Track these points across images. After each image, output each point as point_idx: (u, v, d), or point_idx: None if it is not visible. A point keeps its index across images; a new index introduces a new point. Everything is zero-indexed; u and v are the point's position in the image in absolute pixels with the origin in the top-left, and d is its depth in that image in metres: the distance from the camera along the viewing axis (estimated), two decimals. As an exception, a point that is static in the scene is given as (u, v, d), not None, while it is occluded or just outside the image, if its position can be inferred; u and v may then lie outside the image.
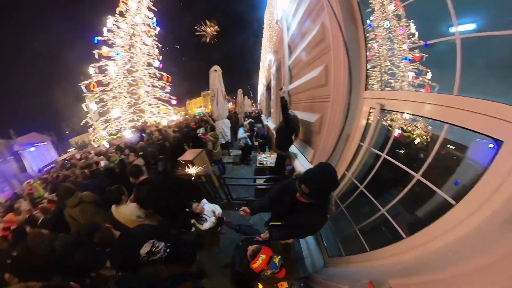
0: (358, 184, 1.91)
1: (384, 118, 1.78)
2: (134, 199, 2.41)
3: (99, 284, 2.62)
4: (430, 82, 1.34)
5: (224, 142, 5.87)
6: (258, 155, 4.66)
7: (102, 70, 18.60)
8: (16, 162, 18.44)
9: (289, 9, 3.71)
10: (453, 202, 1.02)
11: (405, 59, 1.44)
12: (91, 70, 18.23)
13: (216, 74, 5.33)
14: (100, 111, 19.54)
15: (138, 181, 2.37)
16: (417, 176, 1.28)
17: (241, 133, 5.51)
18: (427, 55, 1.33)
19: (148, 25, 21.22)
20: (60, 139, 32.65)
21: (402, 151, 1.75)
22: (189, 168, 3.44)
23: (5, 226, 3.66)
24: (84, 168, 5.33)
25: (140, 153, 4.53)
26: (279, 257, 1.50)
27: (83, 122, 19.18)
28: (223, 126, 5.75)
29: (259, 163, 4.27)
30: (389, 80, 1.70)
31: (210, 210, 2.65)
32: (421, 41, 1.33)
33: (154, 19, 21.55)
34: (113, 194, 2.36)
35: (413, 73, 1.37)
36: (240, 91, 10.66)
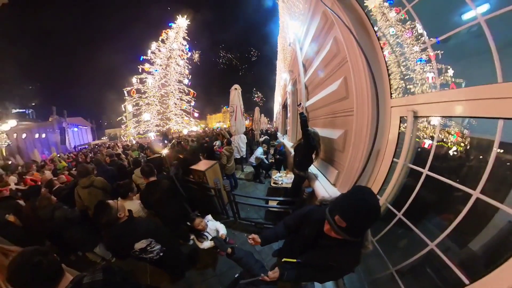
0: (395, 211, 1.49)
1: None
2: (140, 197, 2.33)
3: (82, 264, 2.54)
4: (454, 79, 1.14)
5: (238, 157, 5.58)
6: (273, 174, 4.18)
7: (142, 81, 21.65)
8: (60, 136, 21.81)
9: (301, 31, 3.74)
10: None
11: (420, 60, 1.30)
12: (134, 80, 21.36)
13: (236, 92, 5.32)
14: (134, 113, 21.94)
15: (148, 181, 2.27)
16: (475, 193, 0.95)
17: (260, 152, 5.14)
18: (442, 52, 1.16)
19: (182, 50, 24.74)
20: (98, 127, 36.07)
21: (439, 165, 1.39)
22: (200, 177, 3.21)
23: (32, 178, 4.19)
24: (107, 155, 5.34)
25: (158, 155, 4.41)
26: None
27: (119, 118, 21.99)
28: (240, 141, 5.52)
29: (274, 183, 3.76)
30: (408, 86, 1.50)
31: (213, 228, 2.29)
32: (431, 39, 1.17)
33: (187, 46, 25.22)
34: (122, 188, 2.30)
35: (432, 74, 1.20)
36: (257, 109, 10.73)
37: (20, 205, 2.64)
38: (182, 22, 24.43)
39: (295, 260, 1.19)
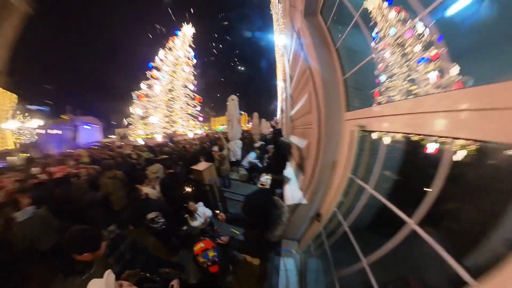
0: (343, 221, 1.58)
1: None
2: (160, 183, 3.16)
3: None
4: (459, 78, 0.95)
5: (234, 160, 6.22)
6: (262, 176, 4.79)
7: (150, 86, 22.81)
8: (72, 133, 23.50)
9: (287, 44, 4.06)
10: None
11: (422, 60, 1.15)
12: (143, 85, 22.65)
13: (232, 103, 5.95)
14: (142, 116, 23.07)
15: (168, 172, 3.27)
16: (411, 223, 0.93)
17: (252, 157, 5.75)
18: (446, 49, 1.00)
19: (188, 57, 25.76)
20: (108, 127, 37.88)
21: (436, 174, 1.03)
22: (198, 176, 3.91)
23: (60, 169, 5.09)
24: (119, 157, 6.12)
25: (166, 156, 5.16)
26: (215, 253, 1.58)
27: (128, 120, 23.63)
28: (235, 146, 6.19)
29: (261, 184, 4.37)
30: (410, 88, 1.29)
31: (202, 212, 2.82)
32: (434, 36, 1.06)
33: (193, 53, 26.30)
34: (142, 177, 3.38)
35: (436, 73, 1.06)
36: (255, 115, 11.01)
37: (52, 189, 3.29)
38: (187, 30, 25.49)
39: (236, 232, 1.74)
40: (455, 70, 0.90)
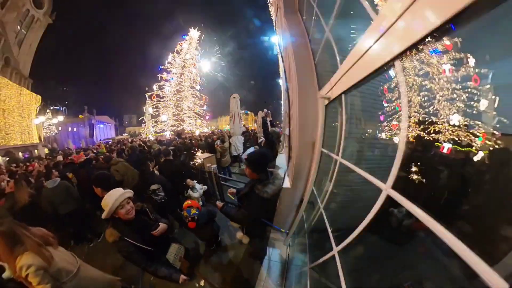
0: (319, 202, 1.58)
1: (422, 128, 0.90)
2: (158, 167, 3.49)
3: (103, 221, 3.58)
4: (476, 70, 0.81)
5: (236, 154, 6.56)
6: None
7: (161, 88, 24.71)
8: (89, 130, 26.24)
9: (280, 42, 4.00)
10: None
11: (435, 51, 0.99)
12: (154, 87, 24.54)
13: (234, 100, 6.32)
14: (153, 114, 25.06)
15: (165, 159, 3.56)
16: (385, 188, 0.81)
17: (250, 151, 6.06)
18: (460, 39, 0.82)
19: (195, 59, 26.92)
20: (120, 125, 41.20)
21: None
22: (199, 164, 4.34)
23: (82, 155, 6.09)
24: (130, 149, 6.78)
25: (172, 148, 5.64)
26: (196, 212, 1.84)
27: (140, 118, 25.98)
28: (237, 141, 6.54)
29: None
30: (423, 82, 1.08)
31: (199, 187, 3.21)
32: (446, 26, 0.95)
33: (199, 55, 27.60)
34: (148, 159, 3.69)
35: (449, 65, 0.92)
36: (260, 113, 11.54)
37: (77, 169, 3.91)
38: (194, 34, 26.41)
39: (231, 197, 1.96)
40: (471, 62, 0.74)
